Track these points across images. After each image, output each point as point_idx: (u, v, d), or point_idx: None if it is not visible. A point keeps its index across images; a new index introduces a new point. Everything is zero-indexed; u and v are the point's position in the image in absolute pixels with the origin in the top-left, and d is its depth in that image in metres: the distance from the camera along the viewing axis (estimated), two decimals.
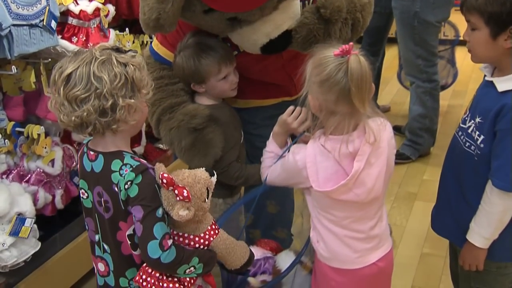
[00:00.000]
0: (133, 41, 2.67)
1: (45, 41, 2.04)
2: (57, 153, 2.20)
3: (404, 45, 3.32)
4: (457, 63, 3.96)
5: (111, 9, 2.48)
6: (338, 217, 1.54)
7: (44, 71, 2.11)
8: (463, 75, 4.00)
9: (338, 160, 1.47)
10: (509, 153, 1.50)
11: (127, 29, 2.63)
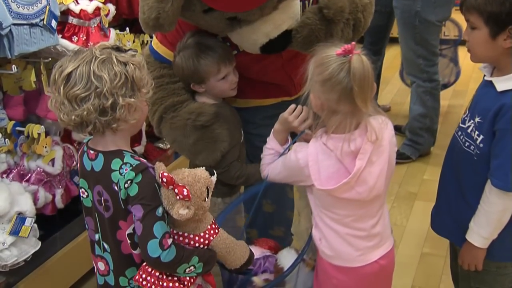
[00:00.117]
0: (134, 41, 2.67)
1: (45, 41, 2.04)
2: (57, 152, 2.20)
3: (405, 45, 3.32)
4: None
5: (112, 8, 2.49)
6: (340, 215, 1.54)
7: (44, 70, 2.11)
8: (464, 75, 3.99)
9: (340, 158, 1.47)
10: (508, 152, 1.50)
11: (127, 29, 2.63)
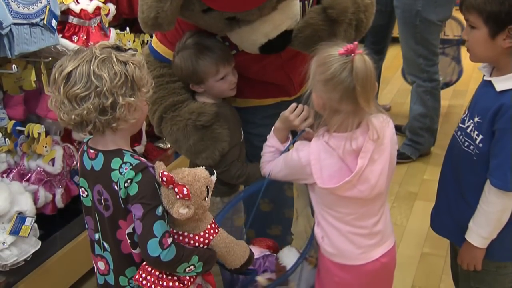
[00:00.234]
0: (134, 40, 2.67)
1: (45, 40, 2.04)
2: (57, 152, 2.21)
3: (405, 44, 3.31)
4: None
5: (112, 8, 2.49)
6: (342, 213, 1.55)
7: (44, 70, 2.11)
8: (464, 75, 3.98)
9: (342, 157, 1.48)
10: (507, 152, 1.50)
11: (127, 28, 2.63)
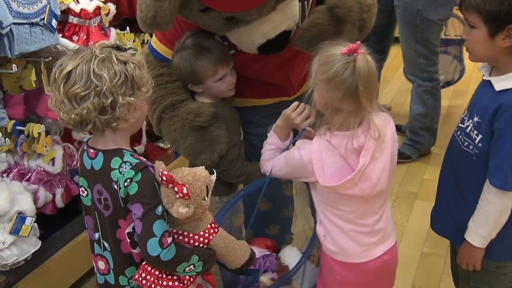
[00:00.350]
0: (134, 40, 2.67)
1: (45, 40, 2.04)
2: (57, 151, 2.21)
3: (405, 44, 3.31)
4: None
5: (112, 7, 2.49)
6: (343, 211, 1.56)
7: (44, 69, 2.12)
8: (465, 75, 3.98)
9: (344, 155, 1.49)
10: (507, 152, 1.50)
11: (127, 28, 2.63)
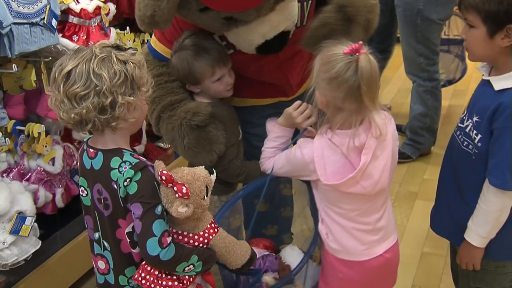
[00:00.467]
0: (134, 40, 2.67)
1: (45, 40, 2.04)
2: (57, 151, 2.21)
3: (406, 43, 3.30)
4: None
5: (112, 7, 2.49)
6: (345, 209, 1.57)
7: (44, 69, 2.12)
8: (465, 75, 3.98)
9: (346, 154, 1.50)
10: (506, 151, 1.50)
11: (127, 28, 2.63)
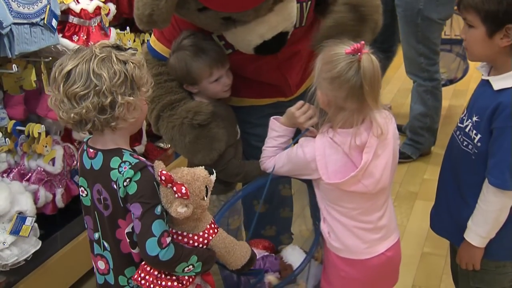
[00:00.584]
0: (134, 40, 2.68)
1: (46, 40, 2.04)
2: (57, 152, 2.21)
3: (406, 43, 3.30)
4: None
5: (112, 7, 2.49)
6: (347, 208, 1.58)
7: (44, 69, 2.12)
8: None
9: (347, 153, 1.50)
10: (505, 150, 1.50)
11: (128, 28, 2.63)
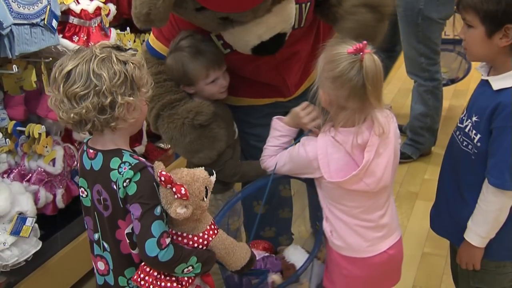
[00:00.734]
0: (134, 40, 2.67)
1: (46, 40, 2.04)
2: (58, 152, 2.21)
3: (407, 43, 3.30)
4: None
5: (112, 8, 2.49)
6: (349, 206, 1.58)
7: (45, 70, 2.12)
8: None
9: (349, 151, 1.51)
10: (505, 150, 1.50)
11: (128, 28, 2.63)
